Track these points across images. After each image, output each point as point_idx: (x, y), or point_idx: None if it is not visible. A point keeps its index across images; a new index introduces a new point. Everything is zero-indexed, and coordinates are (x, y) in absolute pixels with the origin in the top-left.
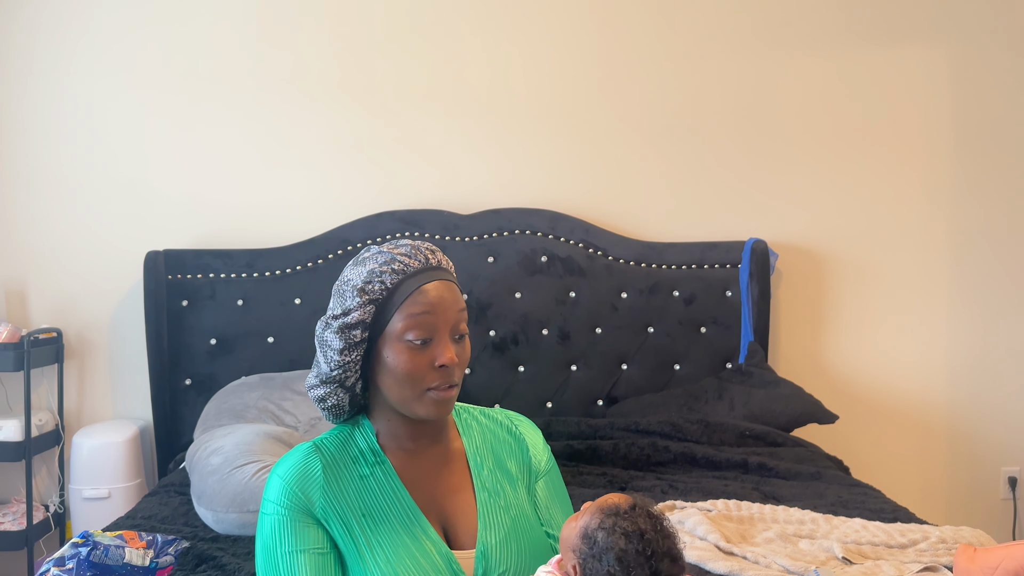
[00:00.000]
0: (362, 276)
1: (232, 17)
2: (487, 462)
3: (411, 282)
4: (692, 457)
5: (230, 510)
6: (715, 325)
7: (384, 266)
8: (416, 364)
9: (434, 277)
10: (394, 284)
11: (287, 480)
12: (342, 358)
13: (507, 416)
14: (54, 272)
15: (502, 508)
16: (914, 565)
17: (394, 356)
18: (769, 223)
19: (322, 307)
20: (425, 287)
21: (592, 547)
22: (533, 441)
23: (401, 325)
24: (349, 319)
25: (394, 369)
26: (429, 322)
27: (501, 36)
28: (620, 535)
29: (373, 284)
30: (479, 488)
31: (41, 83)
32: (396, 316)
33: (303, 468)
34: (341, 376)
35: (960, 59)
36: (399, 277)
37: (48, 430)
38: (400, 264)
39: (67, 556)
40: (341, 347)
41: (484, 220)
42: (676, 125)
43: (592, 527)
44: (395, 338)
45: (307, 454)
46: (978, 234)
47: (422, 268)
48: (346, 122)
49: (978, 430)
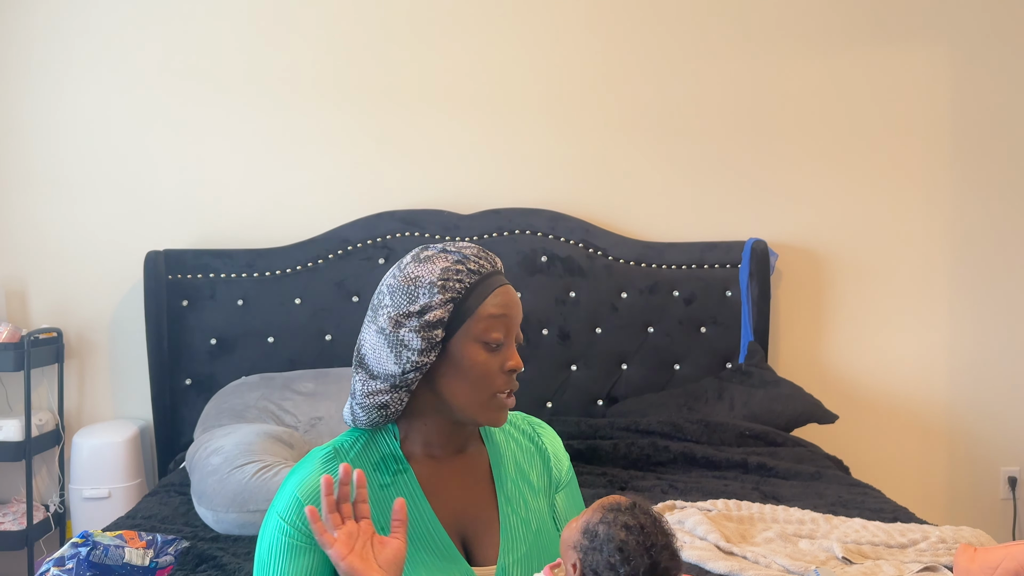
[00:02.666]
0: (435, 273)
1: (232, 17)
2: (509, 472)
3: (488, 283)
4: (692, 457)
5: (230, 510)
6: (715, 325)
7: (458, 264)
8: (490, 366)
9: (504, 281)
10: (472, 283)
11: (302, 496)
12: (421, 359)
13: (528, 423)
14: (54, 272)
15: (524, 522)
16: (914, 565)
17: (470, 357)
18: (769, 223)
19: (322, 307)
20: (500, 289)
21: (593, 540)
22: (555, 451)
23: (482, 325)
24: (430, 317)
25: (468, 370)
26: (506, 323)
27: (501, 36)
28: (621, 527)
29: (451, 282)
30: (502, 502)
31: (41, 83)
32: (475, 316)
33: (318, 479)
34: (413, 378)
35: (960, 59)
36: (476, 277)
37: (48, 430)
38: (475, 264)
39: (67, 556)
40: (422, 347)
41: (484, 220)
42: (676, 125)
43: (593, 522)
44: (472, 338)
45: (326, 463)
46: (978, 234)
47: (493, 271)
48: (346, 122)
49: (978, 430)
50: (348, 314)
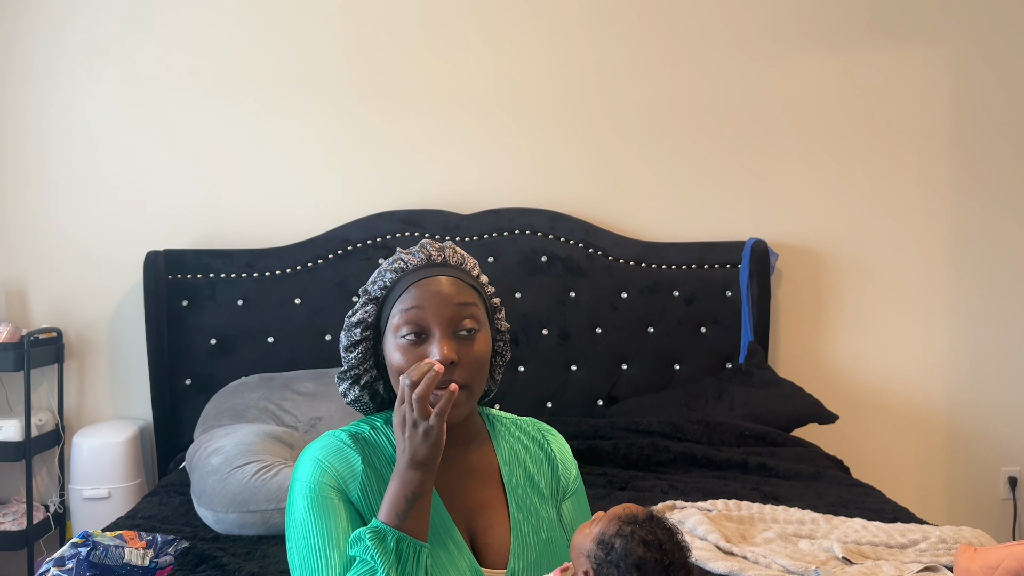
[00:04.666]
0: (371, 277)
1: (232, 16)
2: (519, 478)
3: (408, 278)
4: (692, 457)
5: (230, 510)
6: (715, 325)
7: (389, 265)
8: (409, 361)
9: (434, 273)
10: (393, 281)
11: (323, 460)
12: (347, 354)
13: (538, 428)
14: (54, 272)
15: (534, 529)
16: (914, 565)
17: (390, 353)
18: (769, 223)
19: (322, 307)
20: (421, 282)
21: (609, 553)
22: (563, 458)
23: (396, 320)
24: (353, 318)
25: (393, 367)
26: (419, 316)
27: (501, 36)
28: (639, 543)
29: (375, 283)
30: (513, 507)
31: (41, 83)
32: (392, 313)
33: (343, 457)
34: (354, 373)
35: (960, 59)
36: (398, 275)
37: (48, 430)
38: (401, 262)
39: (67, 556)
40: (346, 344)
41: (484, 220)
42: (676, 125)
43: (609, 533)
44: (391, 335)
45: (346, 444)
46: (978, 234)
47: (423, 264)
48: (346, 122)
49: (978, 430)
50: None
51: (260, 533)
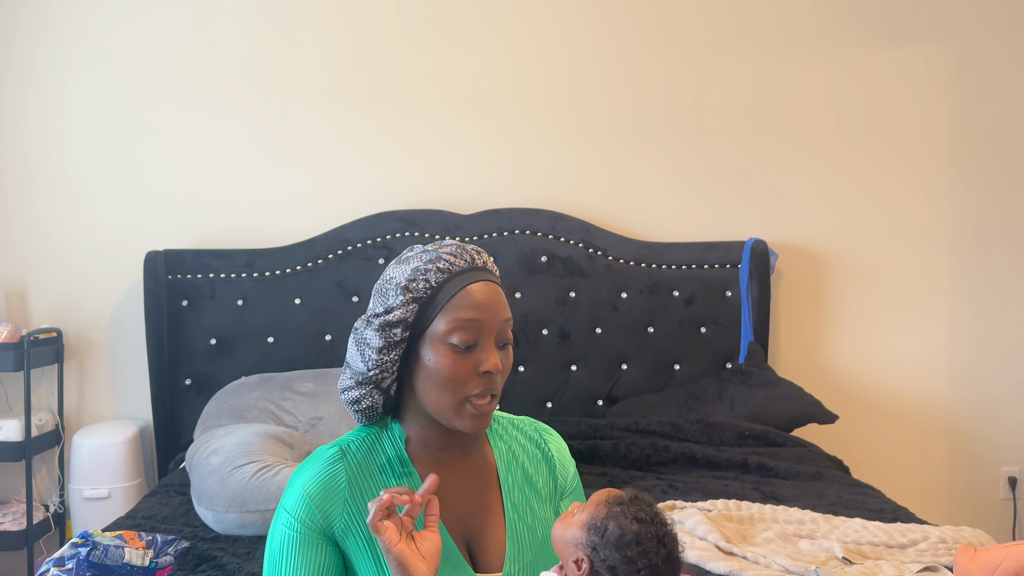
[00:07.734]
0: (406, 274)
1: (233, 17)
2: (516, 478)
3: (456, 281)
4: (692, 457)
5: (230, 510)
6: (715, 325)
7: (429, 264)
8: (459, 369)
9: (480, 278)
10: (439, 283)
11: (309, 494)
12: (380, 357)
13: (535, 428)
14: (54, 272)
15: (530, 529)
16: (914, 565)
17: (436, 359)
18: (769, 223)
19: (322, 307)
20: (471, 288)
21: (603, 535)
22: (560, 457)
23: (446, 327)
24: (391, 317)
25: (435, 373)
26: (475, 326)
27: (501, 36)
28: (632, 520)
29: (417, 282)
30: (509, 508)
31: (41, 83)
32: (440, 316)
33: (328, 480)
34: (378, 377)
35: (960, 59)
36: (444, 276)
37: (48, 430)
38: (445, 263)
39: (67, 556)
40: (380, 345)
41: (484, 220)
42: (676, 125)
43: (600, 517)
44: (438, 340)
45: (333, 462)
46: (978, 234)
47: (468, 268)
48: (346, 122)
49: (978, 430)
50: (348, 314)
51: (260, 533)
